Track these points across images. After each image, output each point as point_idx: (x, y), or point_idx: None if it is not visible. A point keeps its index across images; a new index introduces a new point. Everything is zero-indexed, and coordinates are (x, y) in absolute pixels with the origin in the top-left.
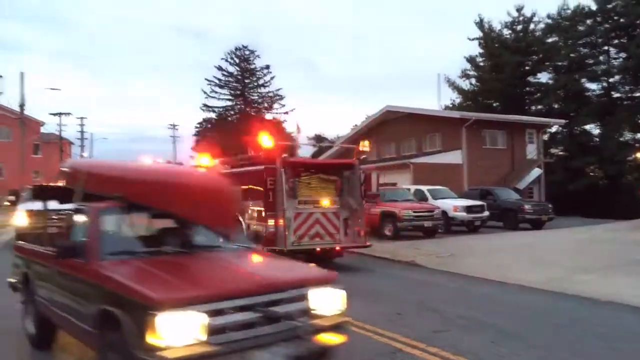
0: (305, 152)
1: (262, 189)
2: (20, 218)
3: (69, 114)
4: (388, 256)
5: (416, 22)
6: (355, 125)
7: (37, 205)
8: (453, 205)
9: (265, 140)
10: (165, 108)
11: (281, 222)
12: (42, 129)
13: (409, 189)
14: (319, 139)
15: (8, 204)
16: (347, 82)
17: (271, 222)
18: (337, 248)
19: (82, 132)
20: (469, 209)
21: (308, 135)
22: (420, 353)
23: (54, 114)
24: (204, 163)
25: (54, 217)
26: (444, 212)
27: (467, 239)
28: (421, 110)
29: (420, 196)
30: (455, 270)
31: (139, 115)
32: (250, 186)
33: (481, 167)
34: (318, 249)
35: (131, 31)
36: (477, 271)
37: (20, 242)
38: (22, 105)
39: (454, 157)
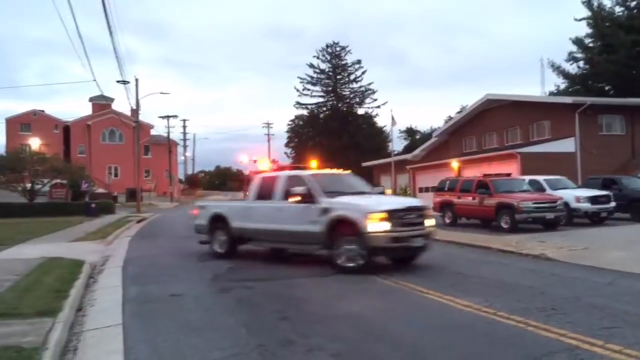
0: (397, 145)
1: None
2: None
3: (175, 116)
4: (512, 249)
5: (512, 4)
6: (450, 117)
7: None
8: (575, 195)
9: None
10: (262, 107)
11: None
12: (151, 131)
13: (524, 179)
14: (410, 132)
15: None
16: (440, 73)
17: None
18: None
19: (184, 133)
20: (593, 200)
21: (400, 129)
22: (602, 350)
23: (162, 117)
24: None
25: None
26: (566, 204)
27: (595, 231)
28: (527, 97)
29: (537, 187)
30: (598, 265)
31: (237, 115)
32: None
33: (596, 156)
34: None
35: (229, 37)
36: (627, 265)
37: None
38: (137, 110)
39: (566, 146)
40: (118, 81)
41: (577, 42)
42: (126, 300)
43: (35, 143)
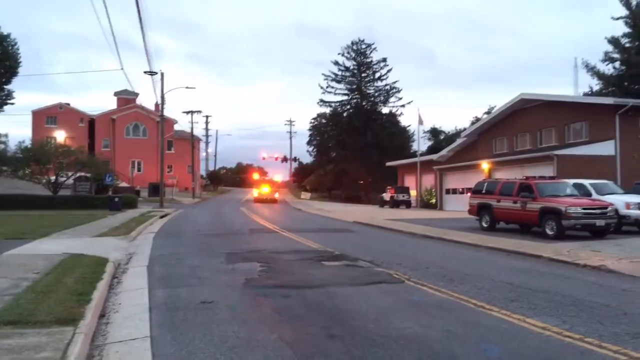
0: (421, 145)
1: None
2: None
3: (199, 111)
4: (565, 259)
5: (544, 3)
6: (476, 117)
7: None
8: (625, 201)
9: (257, 176)
10: (285, 105)
11: (257, 191)
12: (174, 127)
13: (568, 183)
14: (434, 132)
15: None
16: (466, 73)
17: (255, 191)
18: (269, 198)
19: (207, 129)
20: None
21: (424, 129)
22: None
23: (186, 112)
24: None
25: None
26: (615, 210)
27: None
28: (564, 97)
29: (582, 191)
30: None
31: (261, 112)
32: (255, 185)
33: (637, 160)
34: (264, 198)
35: (255, 34)
36: None
37: None
38: (162, 104)
39: (605, 148)
40: (146, 72)
41: (614, 42)
42: (153, 306)
43: (60, 136)
